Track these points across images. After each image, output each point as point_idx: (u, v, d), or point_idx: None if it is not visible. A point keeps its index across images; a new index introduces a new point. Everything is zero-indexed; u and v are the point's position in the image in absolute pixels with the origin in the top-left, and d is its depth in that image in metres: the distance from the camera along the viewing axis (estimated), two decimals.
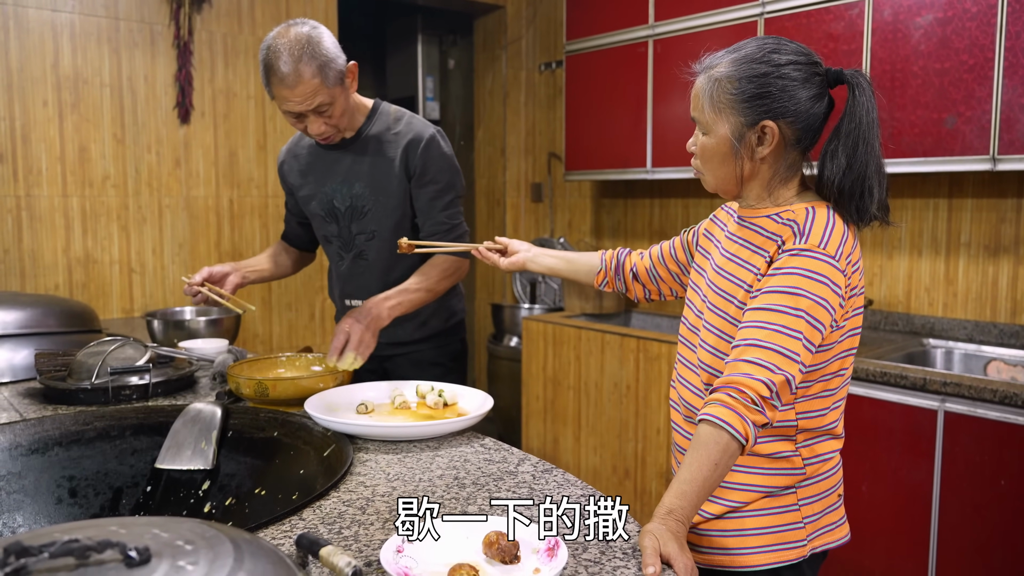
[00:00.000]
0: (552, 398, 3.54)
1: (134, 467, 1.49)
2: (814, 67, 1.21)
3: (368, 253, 2.01)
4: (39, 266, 3.08)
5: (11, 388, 1.86)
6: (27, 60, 3.00)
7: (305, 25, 1.75)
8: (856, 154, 1.20)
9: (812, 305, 1.14)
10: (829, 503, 1.32)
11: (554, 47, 4.33)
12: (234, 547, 0.63)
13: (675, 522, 1.03)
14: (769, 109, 1.19)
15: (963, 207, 2.81)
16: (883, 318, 3.02)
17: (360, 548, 1.01)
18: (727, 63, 1.22)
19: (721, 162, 1.26)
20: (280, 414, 1.55)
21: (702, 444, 1.09)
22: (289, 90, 1.72)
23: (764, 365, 1.11)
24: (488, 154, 4.76)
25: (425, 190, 1.93)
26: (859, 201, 1.21)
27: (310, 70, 1.70)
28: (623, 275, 1.62)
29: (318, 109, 1.77)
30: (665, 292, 1.59)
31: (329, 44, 1.75)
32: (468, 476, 1.28)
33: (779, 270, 1.17)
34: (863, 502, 2.45)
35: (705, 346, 1.30)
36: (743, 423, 1.08)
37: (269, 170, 3.60)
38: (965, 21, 2.42)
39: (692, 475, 1.07)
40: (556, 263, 1.66)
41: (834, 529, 1.33)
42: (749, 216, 1.30)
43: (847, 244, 1.19)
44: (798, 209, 1.23)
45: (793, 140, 1.23)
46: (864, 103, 1.20)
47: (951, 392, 2.24)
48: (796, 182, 1.27)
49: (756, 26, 2.93)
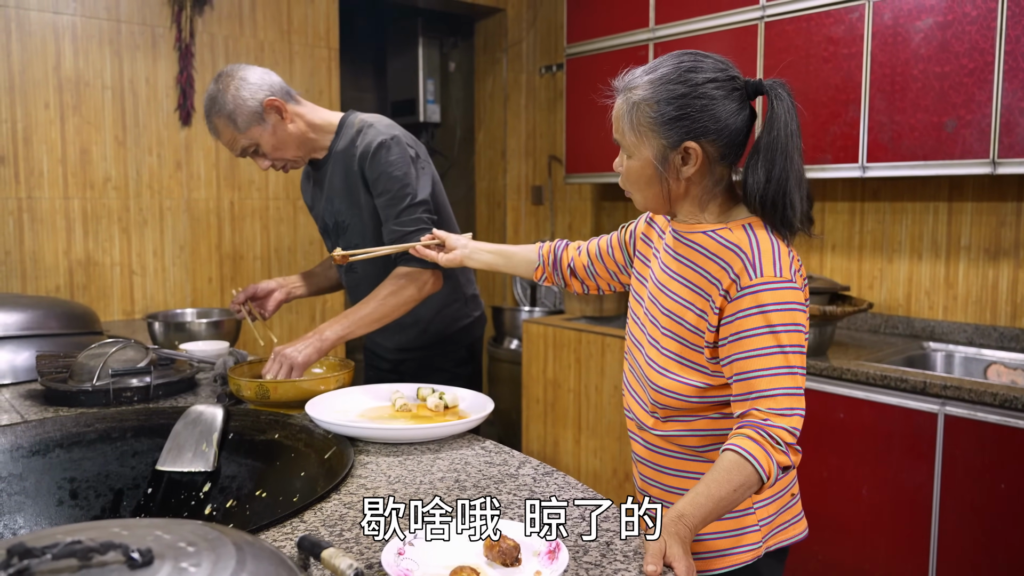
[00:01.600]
0: (552, 401, 3.54)
1: (135, 469, 1.50)
2: (732, 81, 1.21)
3: (356, 266, 2.03)
4: (40, 268, 3.08)
5: (12, 390, 1.86)
6: (29, 62, 3.01)
7: (219, 80, 1.86)
8: (775, 168, 1.19)
9: (791, 335, 1.16)
10: (783, 503, 1.35)
11: (555, 50, 4.34)
12: (236, 549, 0.63)
13: (684, 527, 1.04)
14: (690, 130, 1.19)
15: (963, 210, 2.81)
16: (883, 321, 3.02)
17: (361, 551, 1.02)
18: (644, 85, 1.21)
19: (647, 184, 1.26)
20: (281, 416, 1.55)
21: (725, 469, 1.10)
22: (218, 140, 1.91)
23: (780, 412, 1.13)
24: (489, 157, 4.77)
25: (380, 200, 1.90)
26: (782, 214, 1.21)
27: (220, 122, 1.86)
28: (560, 270, 1.62)
29: (246, 151, 1.91)
30: (603, 287, 1.60)
31: (238, 87, 1.83)
32: (469, 479, 1.28)
33: (750, 311, 1.17)
34: (863, 505, 2.45)
35: (651, 363, 1.31)
36: (769, 462, 1.10)
37: (270, 173, 3.61)
38: (965, 25, 2.43)
39: (711, 491, 1.09)
40: (493, 258, 1.69)
41: (790, 526, 1.35)
42: (684, 231, 1.30)
43: (794, 261, 1.21)
44: (735, 228, 1.23)
45: (717, 157, 1.23)
46: (782, 114, 1.20)
47: (951, 396, 2.24)
48: (726, 195, 1.28)
49: (756, 30, 2.93)
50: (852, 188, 3.09)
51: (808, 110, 2.82)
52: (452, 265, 1.73)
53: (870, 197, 3.04)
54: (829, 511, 2.54)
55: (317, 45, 3.73)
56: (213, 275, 3.49)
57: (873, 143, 2.66)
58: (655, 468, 1.36)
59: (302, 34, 3.67)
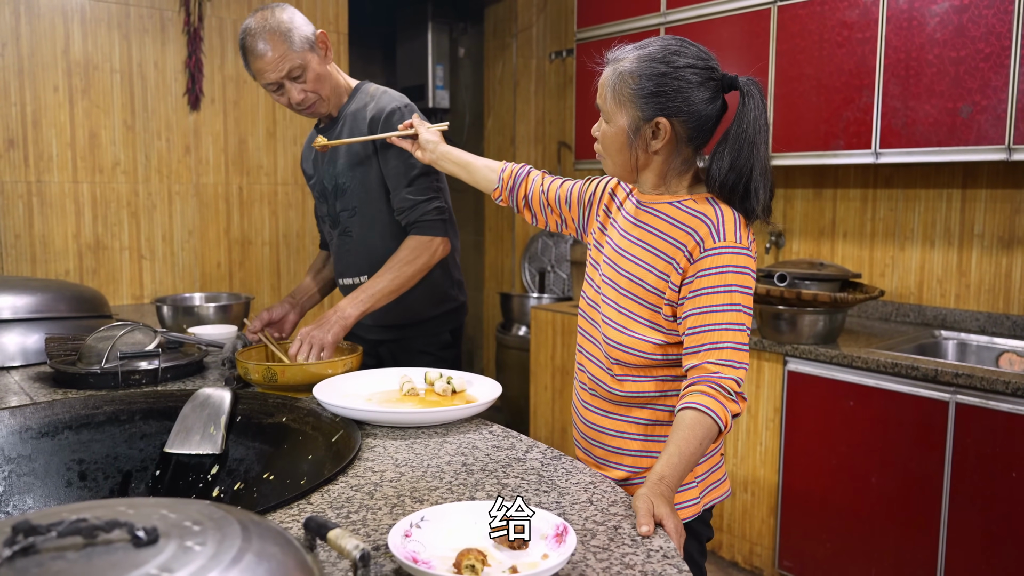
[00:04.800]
0: (560, 387, 3.54)
1: (143, 451, 1.50)
2: (710, 72, 1.30)
3: (351, 229, 2.04)
4: (50, 252, 3.09)
5: (22, 372, 1.87)
6: (38, 45, 3.00)
7: (264, 9, 1.90)
8: (740, 157, 1.29)
9: (744, 297, 1.28)
10: (714, 462, 1.44)
11: (564, 35, 4.30)
12: (242, 528, 0.63)
13: (666, 487, 1.12)
14: (664, 107, 1.29)
15: (977, 197, 2.78)
16: (894, 309, 3.00)
17: (368, 532, 1.01)
18: (632, 59, 1.31)
19: (619, 150, 1.35)
20: (289, 400, 1.55)
21: (688, 426, 1.20)
22: (261, 60, 1.86)
23: (729, 364, 1.24)
24: (498, 143, 4.75)
25: (389, 166, 1.94)
26: (743, 200, 1.31)
27: (276, 38, 1.85)
28: (516, 198, 1.68)
29: (291, 75, 1.88)
30: (551, 225, 1.66)
31: (293, 15, 1.90)
32: (476, 462, 1.28)
33: (710, 270, 1.28)
34: (872, 493, 2.44)
35: (609, 322, 1.40)
36: (724, 412, 1.21)
37: (278, 157, 3.60)
38: (982, 9, 2.39)
39: (680, 450, 1.18)
40: (457, 169, 1.77)
41: (719, 485, 1.46)
42: (648, 202, 1.39)
43: (751, 232, 1.32)
44: (699, 200, 1.34)
45: (685, 137, 1.32)
46: (752, 111, 1.29)
47: (963, 384, 2.22)
48: (690, 176, 1.37)
49: (769, 14, 2.90)
50: (864, 174, 3.06)
51: (821, 95, 2.79)
52: (425, 162, 1.81)
53: (883, 184, 3.01)
54: (838, 499, 2.53)
55: (326, 30, 3.71)
56: (222, 260, 3.50)
57: (887, 129, 2.63)
58: (602, 431, 1.46)
59: (311, 18, 3.63)
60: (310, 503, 1.11)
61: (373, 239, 2.01)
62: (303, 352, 1.74)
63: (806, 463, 2.62)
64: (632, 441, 1.42)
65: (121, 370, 1.71)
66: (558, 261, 4.46)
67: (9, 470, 1.39)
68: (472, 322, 5.08)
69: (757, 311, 2.68)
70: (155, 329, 1.87)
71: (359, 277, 2.05)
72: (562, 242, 4.46)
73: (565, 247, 4.43)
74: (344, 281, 2.10)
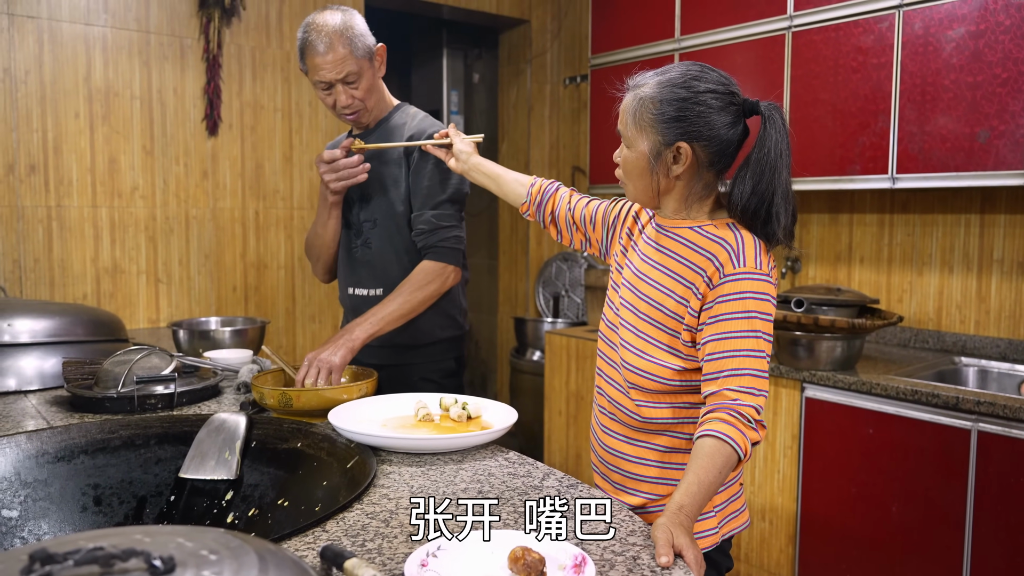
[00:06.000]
0: (575, 412, 3.52)
1: (158, 476, 1.49)
2: (731, 96, 1.30)
3: (372, 241, 2.05)
4: (68, 275, 3.11)
5: (39, 396, 1.87)
6: (60, 73, 3.05)
7: (339, 9, 1.94)
8: (762, 181, 1.28)
9: (764, 323, 1.28)
10: (733, 491, 1.43)
11: (579, 61, 4.33)
12: (259, 558, 0.62)
13: (685, 517, 1.11)
14: (685, 132, 1.29)
15: (996, 223, 2.76)
16: (913, 335, 2.97)
17: (384, 561, 1.00)
18: (652, 85, 1.32)
19: (640, 175, 1.36)
20: (304, 425, 1.55)
21: (707, 454, 1.19)
22: (321, 57, 1.88)
23: (748, 391, 1.23)
24: (512, 167, 4.75)
25: (419, 184, 1.97)
26: (764, 225, 1.30)
27: (341, 40, 1.88)
28: (543, 213, 1.69)
29: (346, 79, 1.91)
30: (575, 243, 1.67)
31: (360, 22, 1.95)
32: (493, 490, 1.27)
33: (730, 296, 1.27)
34: (893, 523, 2.40)
35: (627, 346, 1.40)
36: (744, 440, 1.20)
37: (295, 182, 3.63)
38: (999, 34, 2.39)
39: (700, 478, 1.17)
40: (487, 181, 1.81)
41: (739, 515, 1.44)
42: (669, 226, 1.39)
43: (771, 258, 1.32)
44: (720, 225, 1.33)
45: (707, 162, 1.32)
46: (774, 135, 1.29)
47: (985, 412, 2.19)
48: (711, 201, 1.37)
49: (784, 40, 2.91)
50: (881, 200, 3.05)
51: (836, 120, 2.78)
52: (458, 172, 1.86)
53: (899, 209, 3.00)
54: (858, 528, 2.49)
55: None
56: (238, 284, 3.51)
57: (903, 154, 2.62)
58: (620, 456, 1.44)
59: None
60: (325, 531, 1.10)
61: (391, 258, 2.01)
62: (311, 375, 1.73)
63: (825, 491, 2.58)
64: (650, 468, 1.41)
65: (137, 394, 1.72)
66: (572, 285, 4.46)
67: (25, 495, 1.39)
68: (486, 346, 5.07)
69: (774, 337, 2.66)
70: (171, 353, 1.88)
71: (375, 290, 2.05)
72: (576, 266, 4.45)
73: (579, 271, 4.42)
74: (357, 291, 2.08)
